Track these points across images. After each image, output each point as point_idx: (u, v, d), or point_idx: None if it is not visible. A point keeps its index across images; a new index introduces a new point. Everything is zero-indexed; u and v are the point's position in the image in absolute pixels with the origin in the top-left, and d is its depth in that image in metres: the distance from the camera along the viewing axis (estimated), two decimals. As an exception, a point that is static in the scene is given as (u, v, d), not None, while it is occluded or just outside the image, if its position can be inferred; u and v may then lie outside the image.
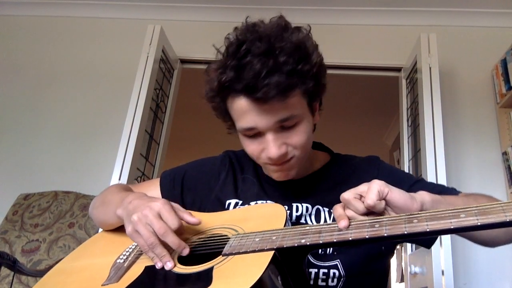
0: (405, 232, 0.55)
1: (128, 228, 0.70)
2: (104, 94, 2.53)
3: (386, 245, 0.82)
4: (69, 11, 2.74)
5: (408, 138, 2.32)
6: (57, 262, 0.80)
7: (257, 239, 0.63)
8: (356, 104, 3.59)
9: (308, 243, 0.59)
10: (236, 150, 0.99)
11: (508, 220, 0.50)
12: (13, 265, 1.33)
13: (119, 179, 1.94)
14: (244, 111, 0.73)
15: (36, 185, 2.26)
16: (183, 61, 2.61)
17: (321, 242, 0.59)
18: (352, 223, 0.61)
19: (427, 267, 1.78)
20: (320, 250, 0.77)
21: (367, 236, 0.57)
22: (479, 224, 0.51)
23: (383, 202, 0.63)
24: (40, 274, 1.64)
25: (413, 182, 0.85)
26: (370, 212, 0.63)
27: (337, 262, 0.76)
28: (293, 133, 0.76)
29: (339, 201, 0.82)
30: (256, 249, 0.60)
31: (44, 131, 2.48)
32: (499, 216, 0.51)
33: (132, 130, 2.03)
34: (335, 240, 0.58)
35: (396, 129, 3.35)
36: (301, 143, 0.77)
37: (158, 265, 0.67)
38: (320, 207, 0.83)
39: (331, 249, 0.77)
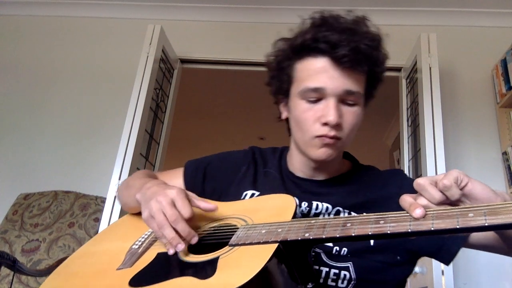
0: (409, 230, 0.53)
1: (144, 213, 0.71)
2: (104, 94, 2.54)
3: (401, 255, 0.79)
4: (69, 11, 2.75)
5: (408, 138, 2.32)
6: (57, 262, 0.80)
7: (263, 231, 0.64)
8: (356, 104, 3.58)
9: (311, 237, 0.59)
10: (261, 147, 0.99)
11: None
12: (13, 265, 1.33)
13: (119, 179, 1.94)
14: (318, 71, 0.76)
15: (36, 185, 2.27)
16: (183, 61, 2.61)
17: (324, 237, 0.59)
18: (355, 219, 0.59)
19: (427, 267, 1.78)
20: (334, 250, 0.76)
21: (370, 233, 0.56)
22: (486, 224, 0.48)
23: (458, 190, 0.58)
24: (40, 274, 1.64)
25: None
26: (444, 203, 0.59)
27: (349, 265, 0.75)
28: (350, 112, 0.78)
29: (361, 205, 0.81)
30: (261, 241, 0.62)
31: (44, 131, 2.48)
32: (509, 217, 0.47)
33: (132, 130, 2.03)
34: (338, 235, 0.58)
35: (396, 129, 3.35)
36: (352, 125, 0.79)
37: (171, 252, 0.68)
38: (340, 209, 0.82)
39: (346, 250, 0.76)
